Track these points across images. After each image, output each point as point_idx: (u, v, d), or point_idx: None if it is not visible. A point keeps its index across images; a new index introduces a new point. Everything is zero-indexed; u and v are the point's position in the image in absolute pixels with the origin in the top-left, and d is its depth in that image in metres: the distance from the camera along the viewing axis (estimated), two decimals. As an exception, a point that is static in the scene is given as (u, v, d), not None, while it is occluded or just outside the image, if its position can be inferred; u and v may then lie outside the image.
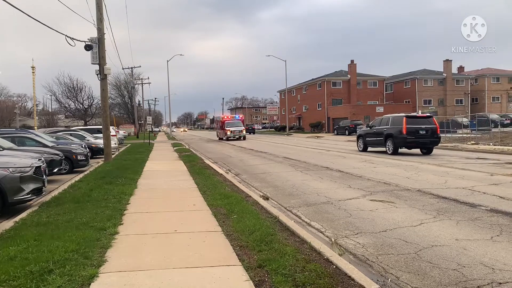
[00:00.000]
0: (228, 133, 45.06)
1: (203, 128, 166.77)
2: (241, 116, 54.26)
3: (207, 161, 19.33)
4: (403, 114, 22.56)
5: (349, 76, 70.20)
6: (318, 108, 72.63)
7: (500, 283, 4.56)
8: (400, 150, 21.63)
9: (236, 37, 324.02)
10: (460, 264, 5.16)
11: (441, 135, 35.60)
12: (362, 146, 24.52)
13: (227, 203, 8.45)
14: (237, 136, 45.14)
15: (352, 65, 70.61)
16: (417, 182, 11.70)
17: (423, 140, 21.10)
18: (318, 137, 49.58)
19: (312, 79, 77.86)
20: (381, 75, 74.56)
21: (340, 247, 5.99)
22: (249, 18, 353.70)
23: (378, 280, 4.73)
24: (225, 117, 52.05)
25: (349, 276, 4.57)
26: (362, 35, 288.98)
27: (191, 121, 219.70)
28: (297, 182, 12.55)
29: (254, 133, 74.45)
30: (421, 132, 20.85)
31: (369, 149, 24.14)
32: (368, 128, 24.62)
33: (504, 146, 24.23)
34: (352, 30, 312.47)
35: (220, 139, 48.29)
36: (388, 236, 6.50)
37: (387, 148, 21.99)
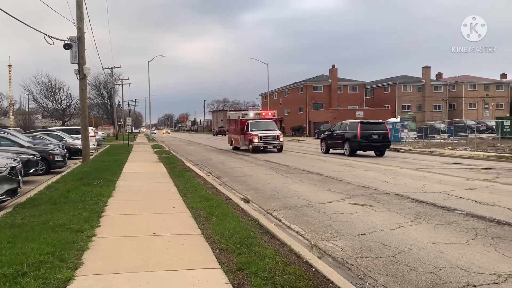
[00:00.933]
0: (256, 140, 26.73)
1: (184, 130, 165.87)
2: (271, 113, 32.48)
3: (187, 164, 19.19)
4: (358, 120, 25.01)
5: (330, 80, 70.86)
6: (300, 112, 73.04)
7: (475, 286, 4.64)
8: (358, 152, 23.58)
9: (218, 40, 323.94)
10: (437, 267, 5.24)
11: (420, 140, 36.69)
12: (324, 148, 26.49)
13: (207, 206, 8.40)
14: (271, 146, 27.25)
15: (333, 70, 71.29)
16: (395, 186, 11.85)
17: (375, 144, 23.40)
18: (299, 140, 49.83)
19: (294, 83, 78.28)
20: (362, 80, 75.55)
21: (319, 250, 6.01)
22: (232, 20, 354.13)
23: (356, 283, 4.77)
24: (247, 114, 31.86)
25: (328, 279, 4.58)
26: (345, 39, 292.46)
27: (171, 122, 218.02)
28: (277, 185, 12.57)
29: (225, 135, 77.71)
30: (373, 136, 23.16)
31: (338, 151, 25.10)
32: (330, 132, 26.51)
33: (480, 151, 24.78)
34: (336, 34, 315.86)
35: (236, 148, 30.71)
36: (367, 239, 6.56)
37: (344, 150, 23.82)
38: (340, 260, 5.65)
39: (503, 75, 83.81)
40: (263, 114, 31.61)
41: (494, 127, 44.06)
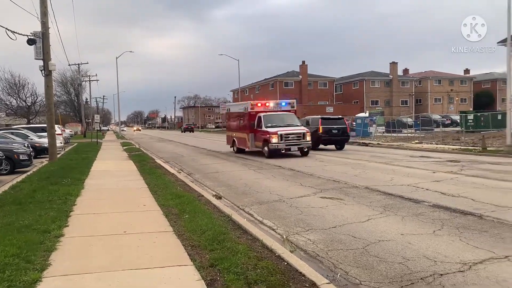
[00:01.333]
0: (274, 140, 19.66)
1: (154, 127, 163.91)
2: (290, 103, 23.74)
3: (158, 161, 18.97)
4: (319, 116, 26.05)
5: (300, 76, 71.39)
6: (271, 107, 73.11)
7: (441, 275, 4.79)
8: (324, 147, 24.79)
9: (189, 36, 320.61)
10: (405, 258, 5.38)
11: (388, 134, 37.52)
12: None
13: (179, 203, 8.33)
14: (295, 147, 20.21)
15: (303, 66, 71.82)
16: (365, 180, 12.08)
17: (335, 138, 24.72)
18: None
19: (265, 79, 78.43)
20: (331, 76, 76.41)
21: (291, 244, 6.06)
22: (203, 16, 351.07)
23: (328, 276, 4.82)
24: (258, 104, 22.58)
25: (300, 272, 4.63)
26: (316, 36, 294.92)
27: (141, 119, 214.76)
28: (250, 180, 12.60)
29: (193, 131, 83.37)
30: (333, 131, 24.40)
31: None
32: None
33: (445, 145, 25.54)
34: (308, 31, 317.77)
35: (240, 150, 23.55)
36: (337, 232, 6.67)
37: None
38: (311, 253, 5.72)
39: (466, 71, 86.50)
40: (278, 104, 23.30)
41: (459, 121, 45.52)
